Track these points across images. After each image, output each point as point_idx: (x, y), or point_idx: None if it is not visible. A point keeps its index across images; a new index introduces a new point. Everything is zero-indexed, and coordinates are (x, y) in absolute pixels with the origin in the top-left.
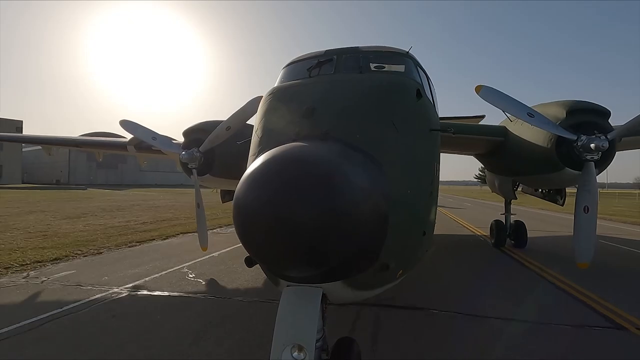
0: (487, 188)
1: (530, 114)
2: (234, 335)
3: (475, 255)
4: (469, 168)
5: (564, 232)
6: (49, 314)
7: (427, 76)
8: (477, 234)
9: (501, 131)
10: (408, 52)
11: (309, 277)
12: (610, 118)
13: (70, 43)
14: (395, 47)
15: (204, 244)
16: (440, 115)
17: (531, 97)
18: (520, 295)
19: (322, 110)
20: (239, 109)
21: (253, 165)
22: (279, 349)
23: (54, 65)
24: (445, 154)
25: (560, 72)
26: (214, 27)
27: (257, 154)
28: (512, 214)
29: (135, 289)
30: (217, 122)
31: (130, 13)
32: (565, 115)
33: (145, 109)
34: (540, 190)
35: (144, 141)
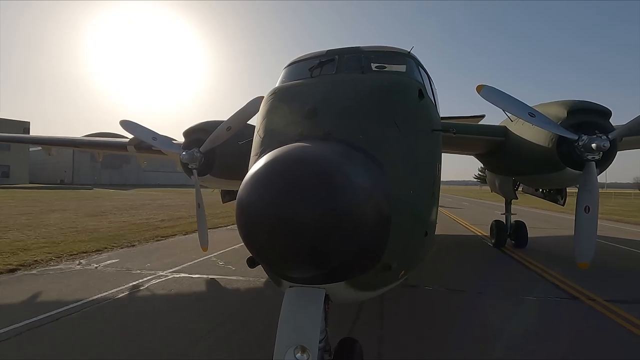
0: (486, 188)
1: (531, 114)
2: (269, 302)
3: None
4: (468, 168)
5: (564, 232)
6: (119, 288)
7: (428, 76)
8: (477, 234)
9: (502, 131)
10: (409, 52)
11: (312, 278)
12: (611, 118)
13: (70, 43)
14: (396, 47)
15: (204, 244)
16: (440, 115)
17: (531, 97)
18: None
19: (324, 110)
20: (239, 109)
21: (256, 165)
22: (282, 350)
23: (54, 65)
24: (445, 154)
25: (560, 72)
26: (214, 27)
27: (260, 154)
28: (512, 214)
29: (177, 272)
30: (218, 122)
31: (130, 13)
32: (566, 115)
33: (145, 109)
34: (541, 190)
35: (144, 141)
